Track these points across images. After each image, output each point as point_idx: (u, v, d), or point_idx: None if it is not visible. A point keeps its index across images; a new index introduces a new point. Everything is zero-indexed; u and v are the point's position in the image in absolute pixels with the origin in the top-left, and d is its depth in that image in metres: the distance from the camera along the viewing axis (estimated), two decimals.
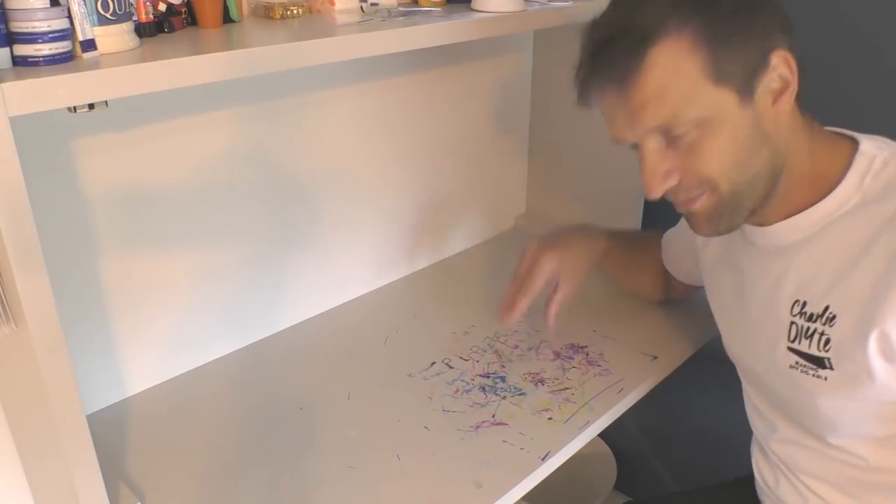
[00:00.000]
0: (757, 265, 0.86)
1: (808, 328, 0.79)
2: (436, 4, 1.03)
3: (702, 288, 1.03)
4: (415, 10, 0.98)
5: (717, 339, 1.17)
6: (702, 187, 0.75)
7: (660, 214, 1.16)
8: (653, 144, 0.74)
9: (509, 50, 1.40)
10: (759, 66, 0.72)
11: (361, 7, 0.95)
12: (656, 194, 0.76)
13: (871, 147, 0.77)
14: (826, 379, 0.78)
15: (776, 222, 0.81)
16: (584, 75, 0.76)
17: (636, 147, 0.77)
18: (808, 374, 0.79)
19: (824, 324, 0.77)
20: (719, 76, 0.70)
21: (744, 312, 0.89)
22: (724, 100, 0.71)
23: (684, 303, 1.21)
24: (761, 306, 0.85)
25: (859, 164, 0.76)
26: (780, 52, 0.72)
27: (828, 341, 0.77)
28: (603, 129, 0.79)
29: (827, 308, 0.77)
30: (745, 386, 0.97)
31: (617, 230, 1.16)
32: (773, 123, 0.74)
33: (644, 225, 1.37)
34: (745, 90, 0.72)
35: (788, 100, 0.74)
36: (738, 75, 0.71)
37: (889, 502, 0.82)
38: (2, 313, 0.63)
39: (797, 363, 0.80)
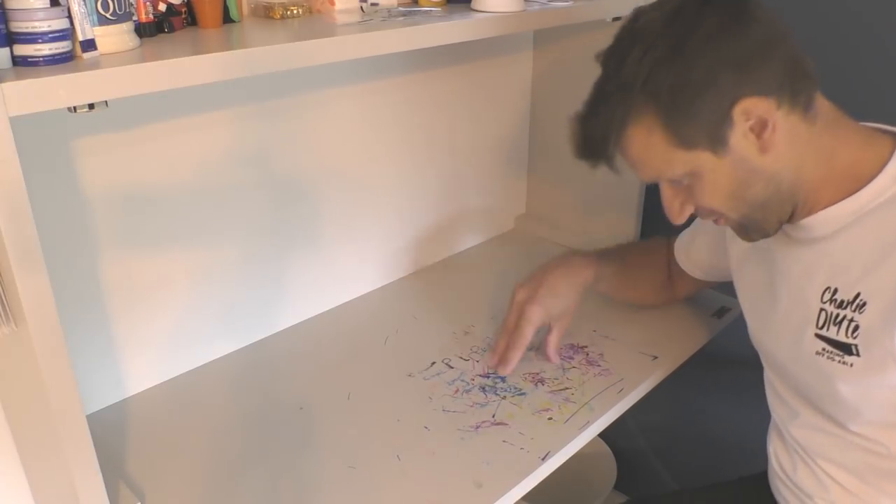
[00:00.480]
0: (789, 255, 0.87)
1: (837, 315, 0.81)
2: (436, 4, 1.03)
3: (713, 284, 1.04)
4: (415, 10, 0.98)
5: (717, 339, 1.17)
6: (714, 214, 0.83)
7: (659, 214, 1.15)
8: (664, 185, 0.83)
9: (509, 50, 1.40)
10: (722, 122, 0.75)
11: (361, 7, 0.95)
12: (679, 222, 0.85)
13: None
14: (852, 365, 0.80)
15: (809, 216, 0.82)
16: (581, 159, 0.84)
17: None
18: (833, 360, 0.82)
19: (854, 310, 0.79)
20: (686, 142, 0.77)
21: (774, 302, 0.91)
22: (698, 157, 0.77)
23: (684, 303, 1.21)
24: (792, 295, 0.87)
25: None
26: (743, 103, 0.73)
27: (857, 328, 0.79)
28: None
29: (858, 295, 0.79)
30: (768, 373, 0.98)
31: (608, 250, 1.16)
32: (761, 159, 0.77)
33: (643, 225, 1.37)
34: (717, 144, 0.76)
35: (772, 132, 0.76)
36: (703, 137, 0.76)
37: None
38: (2, 313, 0.63)
39: (824, 349, 0.83)
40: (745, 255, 0.97)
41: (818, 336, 0.83)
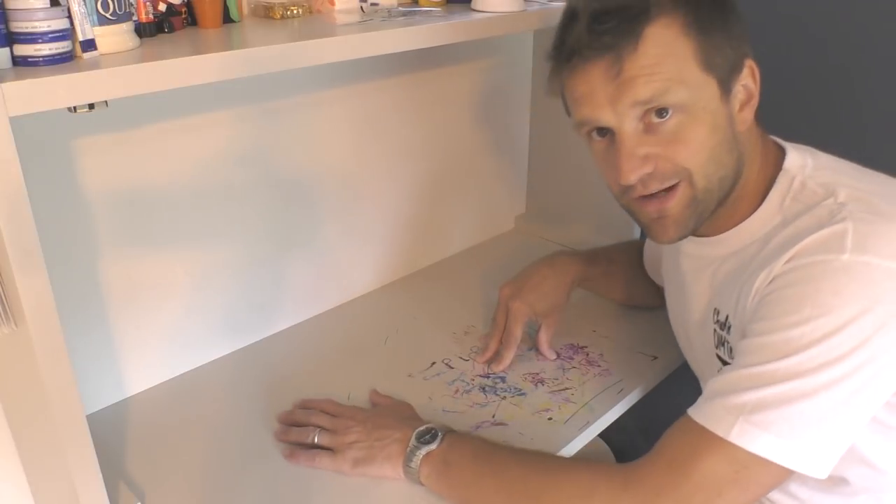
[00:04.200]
0: (693, 273, 0.89)
1: (721, 336, 0.83)
2: (436, 4, 1.03)
3: None
4: (415, 10, 0.98)
5: None
6: (677, 176, 0.75)
7: None
8: (631, 124, 0.74)
9: (509, 50, 1.40)
10: (735, 66, 0.75)
11: (361, 7, 0.95)
12: (632, 179, 0.75)
13: (794, 164, 0.79)
14: None
15: (716, 233, 0.83)
16: (572, 45, 0.74)
17: (604, 135, 0.77)
18: None
19: (726, 332, 0.82)
20: (707, 64, 0.73)
21: (686, 317, 0.93)
22: (709, 87, 0.73)
23: None
24: (696, 313, 0.89)
25: (781, 183, 0.78)
26: (750, 61, 0.76)
27: (731, 350, 0.81)
28: None
29: (727, 317, 0.81)
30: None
31: (597, 250, 1.16)
32: (738, 129, 0.76)
33: None
34: (725, 86, 0.75)
35: (750, 111, 0.77)
36: (721, 67, 0.74)
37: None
38: (2, 313, 0.63)
39: (721, 370, 0.82)
40: (668, 272, 0.99)
41: (717, 356, 0.85)
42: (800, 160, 0.79)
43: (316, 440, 0.89)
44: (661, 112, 0.73)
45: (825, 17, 1.11)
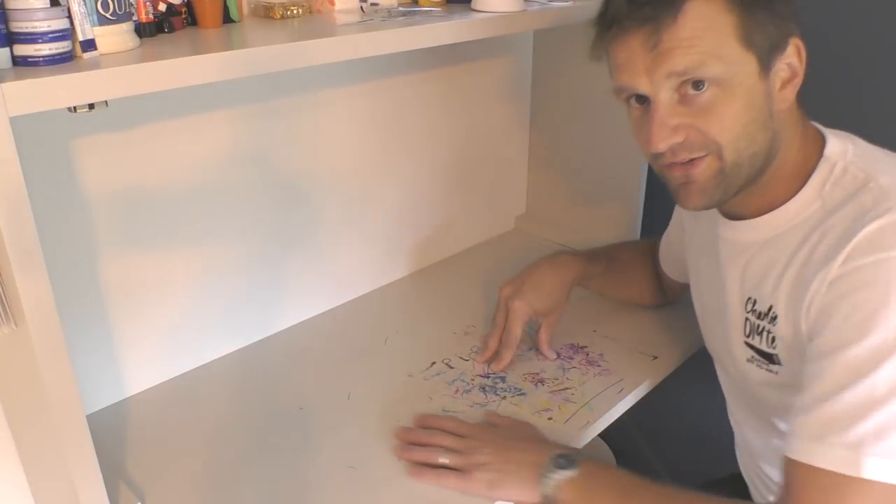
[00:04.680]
0: (727, 259, 0.88)
1: (758, 325, 0.82)
2: (436, 4, 1.03)
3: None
4: (415, 10, 0.98)
5: None
6: (706, 149, 0.75)
7: (659, 214, 1.16)
8: (666, 94, 0.74)
9: (509, 50, 1.40)
10: (778, 45, 0.74)
11: (361, 7, 0.95)
12: (661, 147, 0.75)
13: (834, 150, 0.78)
14: (777, 373, 0.81)
15: (749, 216, 0.82)
16: (613, 15, 0.75)
17: (642, 102, 0.77)
18: (761, 368, 0.83)
19: (770, 322, 0.80)
20: (748, 40, 0.72)
21: (717, 304, 0.91)
22: (747, 64, 0.73)
23: (684, 303, 1.21)
24: (728, 299, 0.88)
25: (822, 169, 0.78)
26: (796, 39, 0.75)
27: (774, 339, 0.80)
28: (604, 128, 0.79)
29: (770, 307, 0.80)
30: (720, 377, 1.00)
31: (598, 250, 1.17)
32: (777, 107, 0.76)
33: (644, 225, 1.37)
34: (765, 63, 0.74)
35: (792, 90, 0.76)
36: (762, 45, 0.73)
37: None
38: (2, 313, 0.63)
39: (752, 357, 0.84)
40: (698, 256, 0.98)
41: (747, 344, 0.84)
42: (840, 146, 0.78)
43: (446, 462, 0.87)
44: (697, 84, 0.73)
45: (828, 13, 1.11)
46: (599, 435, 1.01)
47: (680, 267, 1.10)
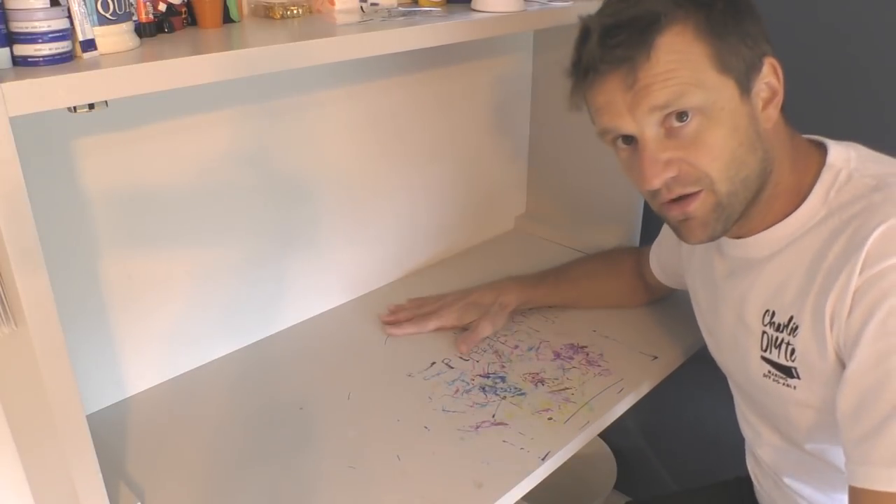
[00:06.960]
0: (729, 276, 0.87)
1: (776, 338, 0.80)
2: (436, 4, 1.03)
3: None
4: (415, 10, 0.98)
5: None
6: (699, 184, 0.75)
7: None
8: (652, 130, 0.74)
9: (509, 50, 1.40)
10: (753, 65, 0.74)
11: (361, 7, 0.95)
12: (656, 183, 0.75)
13: (838, 158, 0.78)
14: (795, 388, 0.79)
15: (752, 234, 0.82)
16: (587, 62, 0.76)
17: (629, 142, 0.78)
18: (779, 382, 0.81)
19: (789, 334, 0.79)
20: (723, 65, 0.73)
21: (720, 323, 0.91)
22: (726, 88, 0.73)
23: (684, 303, 1.21)
24: (734, 317, 0.87)
25: (825, 178, 0.77)
26: (770, 59, 0.76)
27: (793, 351, 0.78)
28: None
29: (791, 318, 0.78)
30: (733, 392, 0.99)
31: (546, 271, 1.23)
32: (763, 127, 0.76)
33: (644, 225, 1.37)
34: (744, 86, 0.74)
35: (775, 109, 0.76)
36: (738, 68, 0.73)
37: None
38: (2, 313, 0.63)
39: (769, 372, 0.82)
40: (695, 276, 0.98)
41: (763, 358, 0.83)
42: (843, 154, 0.78)
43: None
44: (681, 116, 0.73)
45: (841, 12, 1.11)
46: (599, 435, 1.01)
47: (676, 277, 1.11)
